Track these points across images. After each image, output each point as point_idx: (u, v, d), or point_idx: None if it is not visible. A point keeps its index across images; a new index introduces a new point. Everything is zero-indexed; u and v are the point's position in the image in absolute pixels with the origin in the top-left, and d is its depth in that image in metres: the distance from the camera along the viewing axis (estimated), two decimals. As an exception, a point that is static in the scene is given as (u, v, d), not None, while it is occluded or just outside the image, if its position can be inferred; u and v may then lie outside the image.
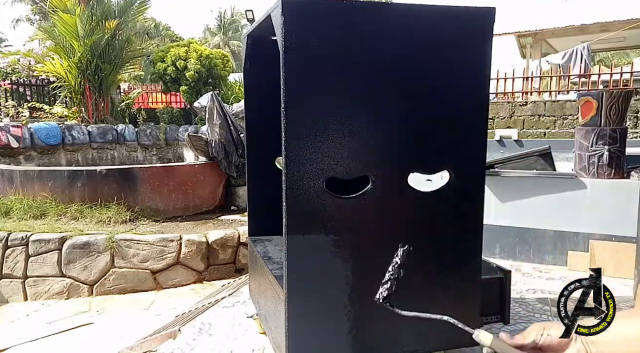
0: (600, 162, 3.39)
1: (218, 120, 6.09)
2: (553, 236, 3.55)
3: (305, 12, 1.50)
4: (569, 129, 7.95)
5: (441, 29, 1.62)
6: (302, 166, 1.53)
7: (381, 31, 1.57)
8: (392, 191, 1.64)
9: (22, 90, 10.95)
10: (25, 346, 3.50)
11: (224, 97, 9.76)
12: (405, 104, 1.63)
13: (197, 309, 3.17)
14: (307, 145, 1.53)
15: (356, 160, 1.59)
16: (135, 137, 9.49)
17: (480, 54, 1.66)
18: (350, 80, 1.57)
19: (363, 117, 1.59)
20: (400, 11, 1.61)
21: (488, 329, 0.94)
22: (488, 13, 1.64)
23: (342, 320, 1.64)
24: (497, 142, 7.17)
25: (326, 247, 1.59)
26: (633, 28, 10.00)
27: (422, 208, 1.68)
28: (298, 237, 1.56)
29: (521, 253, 3.67)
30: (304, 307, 1.60)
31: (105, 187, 5.36)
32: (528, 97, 9.42)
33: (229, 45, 32.89)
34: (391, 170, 1.63)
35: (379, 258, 1.67)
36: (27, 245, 4.54)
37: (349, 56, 1.55)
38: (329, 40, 1.53)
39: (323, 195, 1.56)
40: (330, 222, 1.59)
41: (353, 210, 1.61)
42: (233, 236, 4.84)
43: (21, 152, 7.77)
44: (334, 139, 1.56)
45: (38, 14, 25.07)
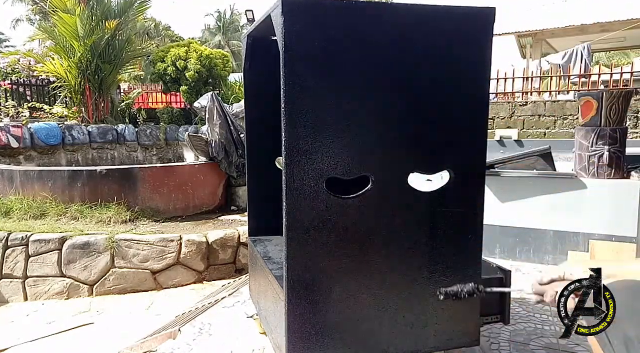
0: (600, 162, 3.39)
1: (218, 120, 6.09)
2: (553, 236, 3.55)
3: (305, 12, 1.50)
4: (569, 129, 7.95)
5: (441, 29, 1.63)
6: (302, 166, 1.53)
7: (381, 31, 1.57)
8: (392, 191, 1.64)
9: (22, 90, 10.95)
10: (25, 346, 3.50)
11: (224, 97, 9.75)
12: (405, 103, 1.63)
13: (197, 309, 3.17)
14: (307, 145, 1.53)
15: (356, 160, 1.59)
16: (135, 137, 9.50)
17: (480, 54, 1.66)
18: (350, 80, 1.57)
19: (363, 117, 1.59)
20: (400, 11, 1.61)
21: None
22: (488, 13, 1.64)
23: (342, 320, 1.65)
24: (497, 142, 7.15)
25: (326, 247, 1.60)
26: (633, 28, 10.00)
27: (422, 209, 1.68)
28: (298, 237, 1.56)
29: (521, 253, 3.67)
30: (304, 307, 1.60)
31: (105, 187, 5.36)
32: (528, 97, 9.41)
33: (229, 45, 32.90)
34: (391, 170, 1.64)
35: (379, 259, 1.69)
36: (27, 245, 4.54)
37: (349, 56, 1.55)
38: (329, 40, 1.53)
39: (323, 195, 1.56)
40: (330, 222, 1.59)
41: (353, 210, 1.61)
42: (233, 236, 4.84)
43: (21, 152, 7.77)
44: (334, 139, 1.56)
45: (38, 14, 25.06)
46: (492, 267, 2.09)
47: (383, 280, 1.67)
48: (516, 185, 3.66)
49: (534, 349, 2.18)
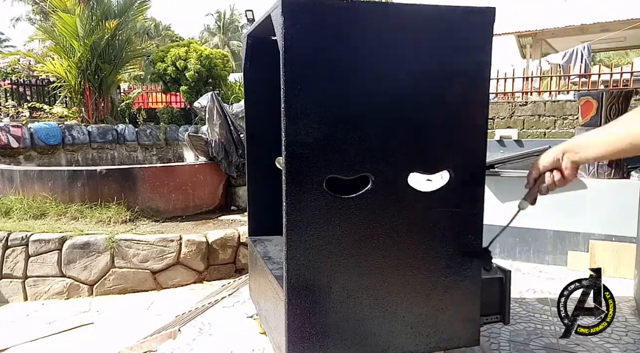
0: (600, 162, 3.39)
1: (218, 120, 6.10)
2: (553, 236, 3.55)
3: (305, 12, 1.49)
4: (569, 129, 7.95)
5: (442, 29, 1.62)
6: (302, 166, 1.53)
7: (382, 31, 1.57)
8: (392, 191, 1.64)
9: (22, 90, 10.95)
10: (25, 346, 3.51)
11: (224, 97, 9.76)
12: (405, 103, 1.63)
13: (197, 309, 3.17)
14: (307, 145, 1.53)
15: (356, 161, 1.59)
16: (135, 137, 9.50)
17: (480, 54, 1.66)
18: (350, 81, 1.57)
19: (363, 117, 1.59)
20: (402, 11, 1.61)
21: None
22: (488, 13, 1.64)
23: (342, 320, 1.65)
24: (497, 142, 7.15)
25: (326, 247, 1.60)
26: (633, 28, 10.00)
27: (422, 209, 1.68)
28: (298, 237, 1.56)
29: (521, 253, 3.67)
30: (304, 307, 1.60)
31: (105, 187, 5.36)
32: (528, 97, 9.41)
33: (228, 45, 32.90)
34: (391, 170, 1.63)
35: (378, 259, 1.68)
36: (27, 245, 4.55)
37: (349, 56, 1.55)
38: (329, 41, 1.53)
39: (323, 195, 1.56)
40: (330, 222, 1.59)
41: (353, 210, 1.61)
42: (233, 236, 4.84)
43: (21, 152, 7.77)
44: (334, 139, 1.56)
45: (38, 14, 25.06)
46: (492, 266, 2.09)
47: (383, 280, 1.67)
48: (516, 185, 3.65)
49: (534, 349, 2.18)
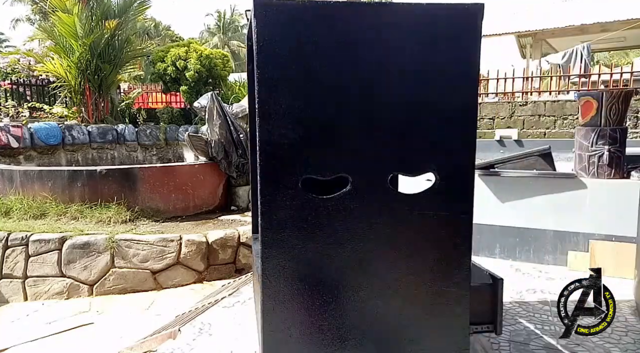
0: (600, 162, 3.39)
1: (218, 120, 6.09)
2: (553, 236, 3.55)
3: (277, 14, 1.46)
4: (569, 129, 7.95)
5: (426, 27, 1.57)
6: (277, 166, 1.51)
7: (358, 31, 1.52)
8: (371, 192, 1.59)
9: (22, 90, 10.94)
10: (25, 346, 3.50)
11: (224, 97, 9.76)
12: (383, 104, 1.58)
13: (197, 309, 3.17)
14: (281, 145, 1.50)
15: (333, 161, 1.55)
16: (135, 137, 9.50)
17: (468, 52, 1.59)
18: (326, 80, 1.53)
19: (340, 117, 1.55)
20: (378, 10, 1.56)
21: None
22: (475, 10, 1.57)
23: (321, 322, 1.61)
24: (497, 142, 7.16)
25: (303, 246, 1.56)
26: (633, 28, 10.00)
27: (405, 212, 1.62)
28: (274, 236, 1.54)
29: (521, 253, 3.67)
30: (280, 311, 1.58)
31: (105, 187, 5.36)
32: (528, 97, 9.41)
33: (228, 46, 32.88)
34: (370, 172, 1.58)
35: (359, 264, 1.59)
36: (27, 245, 4.54)
37: (325, 56, 1.51)
38: (304, 41, 1.49)
39: (299, 195, 1.53)
40: (307, 221, 1.55)
41: (331, 210, 1.57)
42: (233, 236, 4.84)
43: (21, 152, 7.77)
44: (310, 140, 1.53)
45: (38, 14, 25.05)
46: (483, 273, 2.03)
47: (363, 283, 1.61)
48: (516, 185, 3.66)
49: (534, 349, 2.18)
